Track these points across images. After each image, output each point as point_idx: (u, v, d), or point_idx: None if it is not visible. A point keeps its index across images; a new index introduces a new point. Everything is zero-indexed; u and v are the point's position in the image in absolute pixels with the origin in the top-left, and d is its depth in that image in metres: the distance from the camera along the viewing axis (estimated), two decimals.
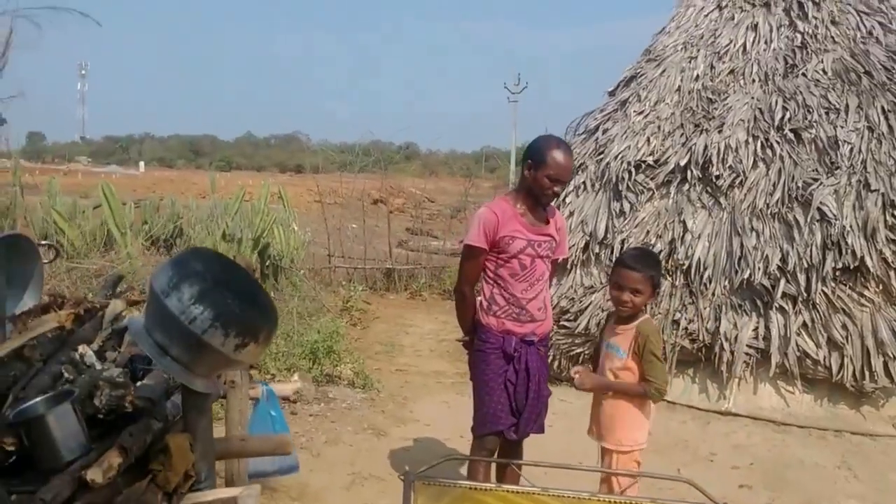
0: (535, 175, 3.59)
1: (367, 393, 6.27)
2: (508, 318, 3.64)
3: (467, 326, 3.83)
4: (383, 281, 11.44)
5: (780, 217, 6.31)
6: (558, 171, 3.56)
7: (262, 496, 4.16)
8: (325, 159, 15.22)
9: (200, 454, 1.93)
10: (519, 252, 3.60)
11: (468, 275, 3.74)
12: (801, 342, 5.87)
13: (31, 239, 2.88)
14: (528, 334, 3.66)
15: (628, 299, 3.30)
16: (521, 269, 3.62)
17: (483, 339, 3.70)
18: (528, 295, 3.64)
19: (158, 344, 1.84)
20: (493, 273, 3.66)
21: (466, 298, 3.78)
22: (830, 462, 5.22)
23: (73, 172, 29.96)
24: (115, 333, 2.57)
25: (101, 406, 1.95)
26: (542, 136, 3.71)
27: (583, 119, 8.21)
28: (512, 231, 3.60)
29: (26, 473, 1.79)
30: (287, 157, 50.56)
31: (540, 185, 3.59)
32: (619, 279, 3.33)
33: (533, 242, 3.63)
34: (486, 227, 3.60)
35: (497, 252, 3.62)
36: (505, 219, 3.60)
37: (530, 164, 3.62)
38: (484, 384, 3.69)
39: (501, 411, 3.66)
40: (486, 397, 3.68)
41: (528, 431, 3.74)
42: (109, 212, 8.09)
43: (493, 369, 3.66)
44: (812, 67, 7.07)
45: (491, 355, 3.67)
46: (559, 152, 3.57)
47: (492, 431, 3.70)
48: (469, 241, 3.67)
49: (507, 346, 3.63)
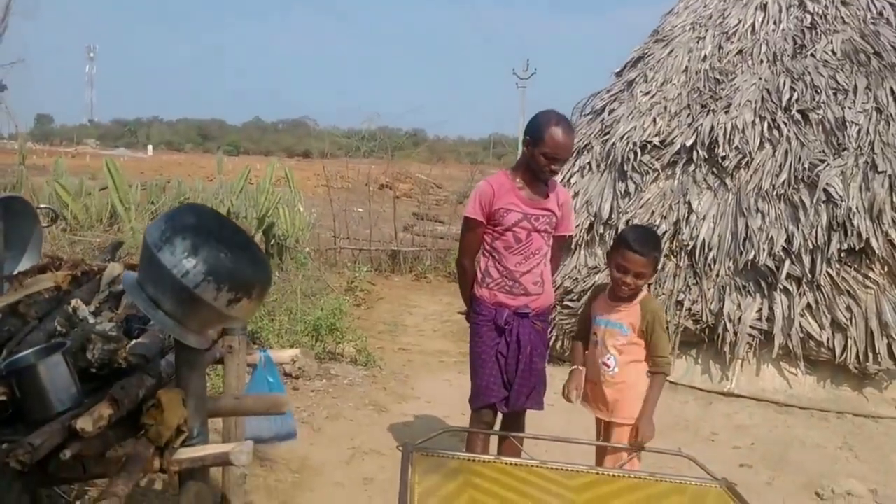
0: (533, 152, 3.57)
1: (370, 370, 6.28)
2: (501, 291, 3.64)
3: (467, 298, 3.84)
4: (388, 263, 11.45)
5: (786, 198, 6.27)
6: (556, 149, 3.54)
7: (262, 468, 4.21)
8: (332, 143, 15.21)
9: (193, 410, 1.93)
10: (513, 225, 3.60)
11: (468, 247, 3.76)
12: (805, 323, 5.85)
13: (29, 202, 2.88)
14: (521, 307, 3.65)
15: (631, 282, 3.25)
16: (516, 242, 3.62)
17: (476, 312, 3.71)
18: (523, 268, 3.63)
19: (151, 298, 1.84)
20: (490, 245, 3.67)
21: (466, 271, 3.79)
22: (832, 443, 5.21)
23: (81, 155, 30.01)
24: (112, 296, 2.56)
25: (93, 360, 1.95)
26: (543, 111, 3.66)
27: (589, 99, 8.17)
28: (507, 204, 3.59)
29: (18, 425, 1.80)
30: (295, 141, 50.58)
31: (537, 163, 3.58)
32: (624, 262, 3.23)
33: (529, 216, 3.62)
34: (482, 200, 3.62)
35: (493, 224, 3.63)
36: (501, 192, 3.61)
37: (529, 140, 3.62)
38: (477, 356, 3.71)
39: (494, 384, 3.66)
40: (480, 370, 3.69)
41: (521, 405, 3.72)
42: (114, 187, 8.10)
43: (485, 342, 3.67)
44: (821, 48, 7.01)
45: (483, 328, 3.68)
46: (558, 130, 3.53)
47: (485, 404, 3.71)
48: (466, 213, 3.70)
49: (499, 318, 3.63)
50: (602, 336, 3.38)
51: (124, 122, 69.47)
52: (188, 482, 1.98)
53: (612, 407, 3.38)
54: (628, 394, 3.36)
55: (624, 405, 3.36)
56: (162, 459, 1.87)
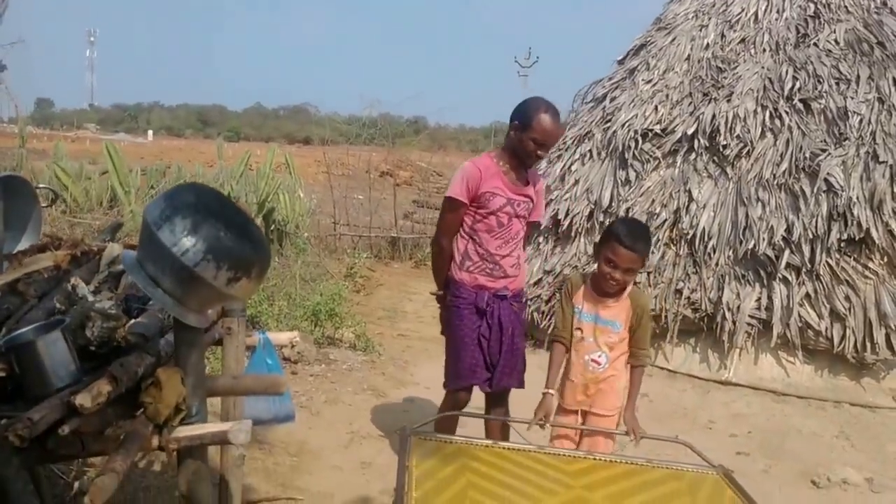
0: (521, 137, 3.58)
1: (368, 355, 6.29)
2: (482, 274, 3.67)
3: (441, 279, 3.84)
4: (388, 249, 11.45)
5: (787, 188, 6.27)
6: (544, 136, 3.54)
7: (260, 451, 4.22)
8: (332, 130, 15.16)
9: (191, 388, 1.92)
10: (498, 209, 3.62)
11: (447, 227, 3.75)
12: (804, 313, 5.86)
13: (28, 181, 2.88)
14: (500, 289, 3.69)
15: (620, 278, 3.13)
16: (498, 226, 3.64)
17: (456, 295, 3.72)
18: (503, 252, 3.67)
19: (150, 276, 1.83)
20: (470, 228, 3.68)
21: (444, 250, 3.79)
22: (829, 432, 5.23)
23: (81, 139, 29.90)
24: (111, 276, 2.56)
25: (92, 337, 1.94)
26: (532, 98, 3.66)
27: (590, 87, 8.16)
28: (493, 188, 3.61)
29: (17, 401, 1.80)
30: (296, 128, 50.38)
31: (524, 148, 3.59)
32: (614, 256, 3.10)
33: (512, 201, 3.65)
34: (469, 182, 3.62)
35: (476, 207, 3.64)
36: (488, 175, 3.62)
37: (517, 125, 3.61)
38: (459, 339, 3.72)
39: (477, 366, 3.69)
40: (462, 352, 3.70)
41: (503, 384, 3.75)
42: (114, 171, 8.09)
43: (466, 324, 3.69)
44: (824, 37, 6.99)
45: (464, 311, 3.69)
46: (547, 117, 3.53)
47: (466, 385, 3.74)
48: (451, 193, 3.69)
49: (480, 301, 3.66)
50: (591, 333, 3.24)
51: (124, 107, 69.22)
52: (186, 461, 1.98)
53: (593, 399, 3.28)
54: (611, 386, 3.27)
55: (605, 397, 3.27)
56: (160, 437, 1.86)
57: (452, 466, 2.36)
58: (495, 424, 3.71)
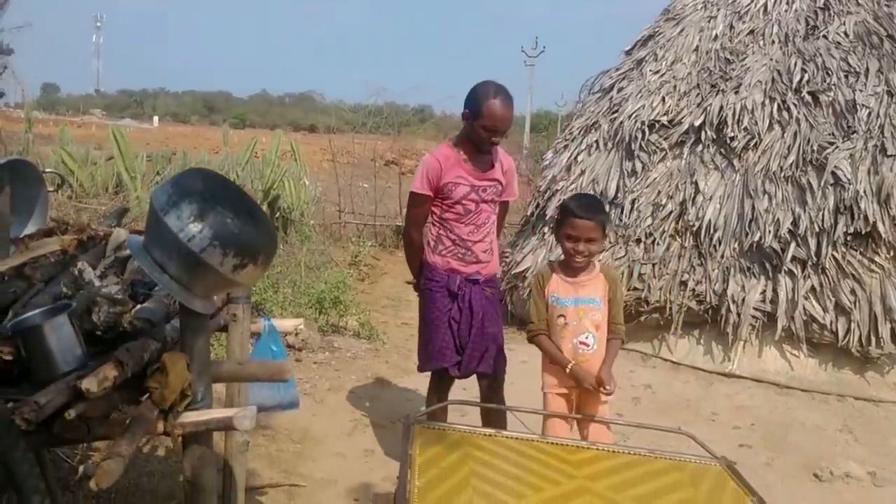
0: (473, 125, 3.59)
1: (372, 344, 6.30)
2: (454, 258, 3.70)
3: (415, 268, 3.90)
4: (392, 238, 11.42)
5: (794, 180, 6.24)
6: (494, 121, 3.54)
7: (264, 438, 4.23)
8: (338, 118, 15.12)
9: (197, 374, 1.93)
10: (462, 198, 3.64)
11: (414, 220, 3.81)
12: (809, 306, 5.84)
13: (35, 165, 2.88)
14: (472, 274, 3.72)
15: (584, 249, 3.17)
16: (466, 213, 3.67)
17: (429, 278, 3.75)
18: (475, 237, 3.70)
19: (157, 262, 1.83)
20: (439, 217, 3.71)
21: (414, 242, 3.85)
22: (832, 425, 5.23)
23: (87, 124, 29.92)
24: (117, 261, 2.57)
25: (99, 322, 1.95)
26: (481, 83, 3.63)
27: (598, 77, 8.12)
28: (455, 178, 3.62)
29: (23, 385, 1.81)
30: (301, 115, 50.31)
31: (478, 136, 3.59)
32: (572, 230, 3.17)
33: (477, 188, 3.66)
34: (429, 175, 3.63)
35: (441, 198, 3.66)
36: (448, 165, 3.62)
37: (467, 113, 3.62)
38: (430, 322, 3.76)
39: (446, 348, 3.72)
40: (432, 334, 3.74)
41: (472, 369, 3.76)
42: (120, 156, 8.09)
43: (438, 307, 3.72)
44: (833, 29, 6.94)
45: (436, 293, 3.72)
46: (495, 102, 3.52)
47: (436, 367, 3.78)
48: (414, 188, 3.72)
49: (452, 284, 3.69)
50: (576, 316, 3.25)
51: (130, 93, 69.19)
52: (192, 446, 1.99)
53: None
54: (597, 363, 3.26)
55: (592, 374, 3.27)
56: (166, 422, 1.87)
57: (455, 455, 2.36)
58: (493, 413, 3.71)
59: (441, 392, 3.85)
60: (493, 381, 3.84)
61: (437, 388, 3.87)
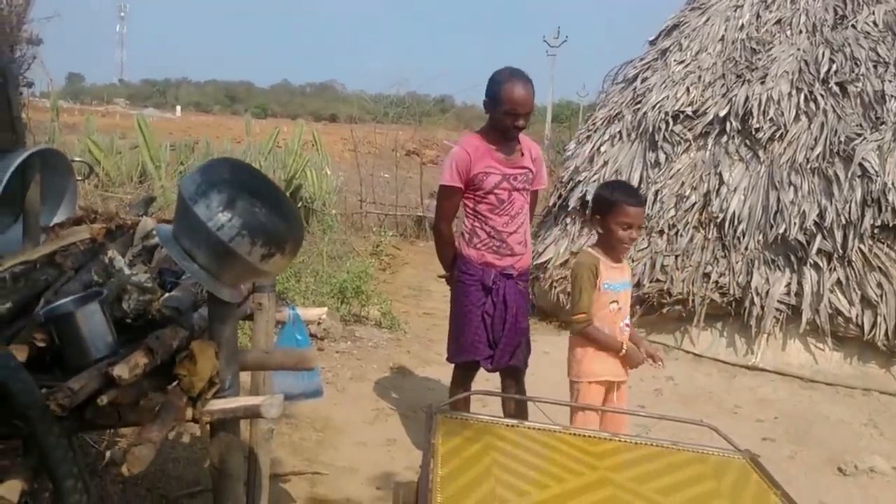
0: (494, 112, 3.57)
1: (394, 333, 6.33)
2: (489, 251, 3.67)
3: (447, 262, 3.88)
4: (413, 228, 11.47)
5: (820, 172, 6.17)
6: (514, 105, 3.52)
7: (287, 426, 4.27)
8: (359, 108, 15.14)
9: (224, 362, 1.95)
10: (494, 187, 3.61)
11: (445, 213, 3.78)
12: (834, 299, 5.79)
13: (64, 155, 2.92)
14: (507, 268, 3.69)
15: (637, 235, 3.34)
16: (499, 203, 3.63)
17: (463, 271, 3.73)
18: (510, 228, 3.67)
19: (186, 250, 1.85)
20: (473, 209, 3.69)
21: (444, 235, 3.83)
22: (857, 420, 5.18)
23: (111, 114, 30.19)
24: (145, 250, 2.60)
25: (128, 310, 1.98)
26: (498, 70, 3.63)
27: (622, 68, 8.07)
28: (485, 167, 3.59)
29: (56, 371, 1.84)
30: (322, 105, 50.37)
31: (502, 123, 3.57)
32: (626, 217, 3.23)
33: (508, 176, 3.63)
34: (458, 166, 3.61)
35: (473, 189, 3.63)
36: (477, 156, 3.60)
37: (487, 102, 3.61)
38: (463, 315, 3.74)
39: (479, 342, 3.70)
40: (465, 327, 3.72)
41: (504, 363, 3.76)
42: (145, 145, 8.16)
43: (472, 300, 3.70)
44: (862, 19, 6.84)
45: (470, 287, 3.70)
46: (514, 85, 3.51)
47: (467, 360, 3.77)
48: (444, 181, 3.69)
49: (486, 278, 3.66)
50: (625, 300, 3.38)
51: (153, 83, 69.59)
52: (219, 433, 2.01)
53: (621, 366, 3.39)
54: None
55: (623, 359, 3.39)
56: (194, 410, 1.89)
57: (477, 445, 2.37)
58: (515, 404, 3.72)
59: (466, 383, 3.85)
60: (517, 372, 3.84)
61: (462, 380, 3.87)
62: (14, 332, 1.94)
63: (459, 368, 3.88)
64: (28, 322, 1.97)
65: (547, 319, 7.02)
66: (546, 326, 6.82)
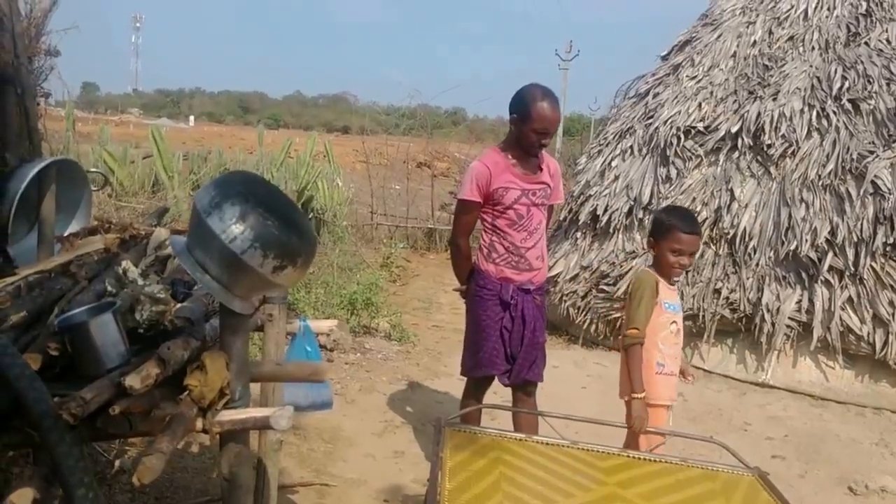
0: (521, 129, 3.58)
1: (403, 345, 6.33)
2: (507, 266, 3.67)
3: (462, 276, 3.89)
4: (424, 240, 11.48)
5: (832, 189, 6.15)
6: (544, 124, 3.53)
7: (296, 437, 4.28)
8: (371, 120, 15.22)
9: (235, 373, 1.96)
10: (514, 202, 3.62)
11: (463, 227, 3.79)
12: (846, 317, 5.75)
13: (80, 165, 2.95)
14: (525, 282, 3.69)
15: (688, 262, 3.36)
16: (518, 218, 3.64)
17: (481, 286, 3.73)
18: (528, 244, 3.68)
19: (199, 262, 1.87)
20: (491, 224, 3.69)
21: (461, 250, 3.83)
22: (868, 438, 5.14)
23: (125, 123, 30.48)
24: (158, 260, 2.63)
25: (141, 321, 2.00)
26: (527, 86, 3.63)
27: (633, 82, 8.08)
28: (505, 182, 3.60)
29: (69, 380, 1.85)
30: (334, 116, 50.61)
31: (527, 140, 3.58)
32: (679, 244, 3.27)
33: (527, 192, 3.64)
34: (478, 181, 3.61)
35: (492, 204, 3.64)
36: (497, 171, 3.61)
37: (515, 118, 3.61)
38: (480, 329, 3.73)
39: (496, 356, 3.70)
40: (484, 342, 3.72)
41: (522, 377, 3.76)
42: (158, 155, 8.23)
43: (489, 315, 3.70)
44: (875, 36, 6.84)
45: (489, 301, 3.70)
46: (544, 104, 3.52)
47: (484, 375, 3.77)
48: (463, 195, 3.70)
49: (504, 293, 3.67)
50: (681, 322, 3.41)
51: (167, 93, 70.25)
52: (229, 444, 2.02)
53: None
54: None
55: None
56: (204, 420, 1.90)
57: (486, 459, 2.37)
58: (525, 418, 3.71)
59: (478, 396, 3.85)
60: (530, 386, 3.84)
61: (475, 392, 3.86)
62: (28, 341, 1.96)
63: (473, 381, 3.88)
64: (42, 331, 1.99)
65: (556, 333, 7.01)
66: (555, 340, 6.81)
